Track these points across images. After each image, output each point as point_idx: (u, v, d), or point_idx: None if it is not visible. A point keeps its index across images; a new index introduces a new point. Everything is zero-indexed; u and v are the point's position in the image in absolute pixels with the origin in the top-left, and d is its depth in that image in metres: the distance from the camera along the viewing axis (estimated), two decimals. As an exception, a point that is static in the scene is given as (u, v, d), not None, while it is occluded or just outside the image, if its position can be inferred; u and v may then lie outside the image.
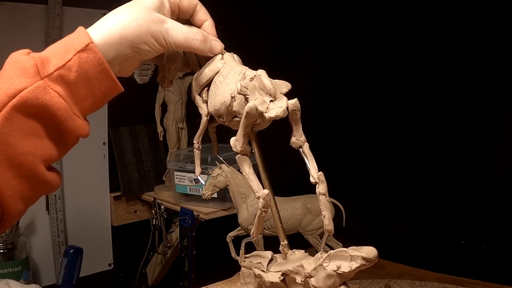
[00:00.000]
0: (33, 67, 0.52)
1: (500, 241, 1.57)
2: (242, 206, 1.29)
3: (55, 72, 0.53)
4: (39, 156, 0.53)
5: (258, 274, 0.73)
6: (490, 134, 1.60)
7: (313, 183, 0.64)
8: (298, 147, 0.66)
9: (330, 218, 0.65)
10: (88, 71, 0.55)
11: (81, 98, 0.55)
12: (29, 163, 0.52)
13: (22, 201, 0.53)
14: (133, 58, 0.61)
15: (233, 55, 0.72)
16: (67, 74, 0.53)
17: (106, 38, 0.57)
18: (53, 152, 0.54)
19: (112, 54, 0.57)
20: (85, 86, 0.55)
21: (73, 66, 0.54)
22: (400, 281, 1.36)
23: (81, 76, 0.54)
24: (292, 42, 2.02)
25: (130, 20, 0.58)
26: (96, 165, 1.66)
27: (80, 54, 0.54)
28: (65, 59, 0.54)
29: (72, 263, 1.47)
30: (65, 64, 0.53)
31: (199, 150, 0.76)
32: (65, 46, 0.55)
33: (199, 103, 0.72)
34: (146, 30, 0.59)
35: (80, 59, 0.54)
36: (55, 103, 0.52)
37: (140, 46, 0.59)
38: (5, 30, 1.42)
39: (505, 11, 1.54)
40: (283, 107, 0.62)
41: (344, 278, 0.64)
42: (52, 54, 0.54)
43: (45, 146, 0.53)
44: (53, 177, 0.55)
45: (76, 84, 0.54)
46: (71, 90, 0.54)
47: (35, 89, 0.51)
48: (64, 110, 0.53)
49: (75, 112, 0.54)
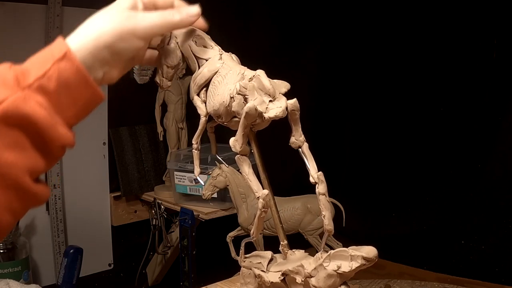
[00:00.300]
0: (14, 79, 0.52)
1: (500, 241, 1.57)
2: (242, 206, 1.29)
3: (35, 82, 0.53)
4: (23, 167, 0.53)
5: (258, 274, 0.73)
6: (490, 134, 1.60)
7: (312, 183, 0.65)
8: (297, 147, 0.66)
9: (330, 218, 0.65)
10: (68, 79, 0.55)
11: (63, 107, 0.55)
12: (13, 174, 0.52)
13: (8, 213, 0.53)
14: (114, 61, 0.60)
15: (231, 55, 0.72)
16: (47, 84, 0.53)
17: (82, 44, 0.57)
18: (38, 163, 0.54)
19: (90, 60, 0.58)
20: (66, 95, 0.55)
21: (53, 76, 0.54)
22: (400, 281, 1.36)
23: (61, 85, 0.54)
24: (292, 42, 2.02)
25: (103, 22, 0.59)
26: (96, 165, 1.66)
27: (59, 63, 0.54)
28: (44, 68, 0.54)
29: (72, 263, 1.47)
30: (44, 74, 0.53)
31: (198, 150, 0.76)
32: (44, 56, 0.56)
33: (198, 104, 0.72)
34: (119, 27, 0.59)
35: (59, 68, 0.54)
36: (36, 112, 0.52)
37: (116, 45, 0.59)
38: (5, 30, 1.42)
39: (505, 11, 1.54)
40: (282, 107, 0.62)
41: (345, 278, 0.64)
42: (32, 65, 0.55)
43: (29, 157, 0.53)
44: (40, 190, 0.55)
45: (57, 93, 0.54)
46: (52, 99, 0.54)
47: (15, 100, 0.51)
48: (45, 119, 0.53)
49: (57, 121, 0.54)
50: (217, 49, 0.72)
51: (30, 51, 0.56)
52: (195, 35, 0.71)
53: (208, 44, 0.72)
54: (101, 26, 0.59)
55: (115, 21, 0.59)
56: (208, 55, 0.71)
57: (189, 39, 0.71)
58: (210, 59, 0.70)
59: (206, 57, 0.71)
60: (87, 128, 1.58)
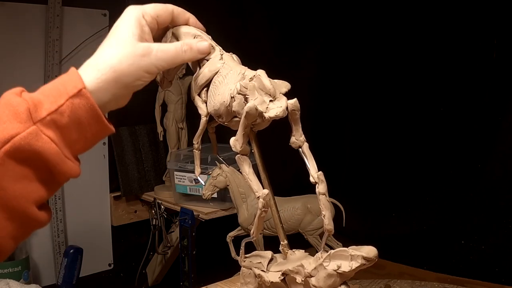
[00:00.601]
0: (26, 111, 0.52)
1: (500, 241, 1.57)
2: (242, 206, 1.29)
3: (47, 116, 0.53)
4: (31, 199, 0.54)
5: (258, 274, 0.73)
6: (490, 134, 1.60)
7: (313, 183, 0.65)
8: (297, 147, 0.66)
9: (330, 218, 0.65)
10: (81, 116, 0.55)
11: (73, 142, 0.56)
12: (21, 206, 0.53)
13: (12, 240, 0.54)
14: (128, 94, 0.62)
15: (232, 55, 0.72)
16: (59, 119, 0.54)
17: (99, 83, 0.58)
18: (44, 193, 0.55)
19: (107, 98, 0.59)
20: (77, 130, 0.56)
21: (66, 111, 0.54)
22: (400, 281, 1.36)
23: (73, 121, 0.55)
24: (292, 42, 2.02)
25: (119, 61, 0.59)
26: (96, 165, 1.66)
27: (73, 100, 0.55)
28: (58, 103, 0.54)
29: (72, 263, 1.47)
30: (57, 109, 0.54)
31: (199, 150, 0.76)
32: (58, 89, 0.55)
33: (198, 104, 0.72)
34: (137, 67, 0.60)
35: (73, 104, 0.54)
36: (47, 148, 0.53)
37: (134, 83, 0.61)
38: (5, 30, 1.42)
39: (505, 11, 1.54)
40: (283, 107, 0.62)
41: (345, 277, 0.64)
42: (44, 97, 0.55)
43: (36, 189, 0.54)
44: (43, 216, 0.56)
45: (68, 129, 0.55)
46: (63, 134, 0.54)
47: (27, 135, 0.52)
48: (56, 154, 0.53)
49: (66, 155, 0.55)
50: (218, 49, 0.72)
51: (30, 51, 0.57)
52: (196, 35, 0.71)
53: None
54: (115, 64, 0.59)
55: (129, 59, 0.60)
56: (208, 55, 0.71)
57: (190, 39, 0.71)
58: (211, 59, 0.70)
59: (206, 57, 0.71)
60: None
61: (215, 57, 0.70)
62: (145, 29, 0.63)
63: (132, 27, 0.61)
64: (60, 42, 1.51)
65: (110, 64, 0.58)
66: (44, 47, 1.49)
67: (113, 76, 0.58)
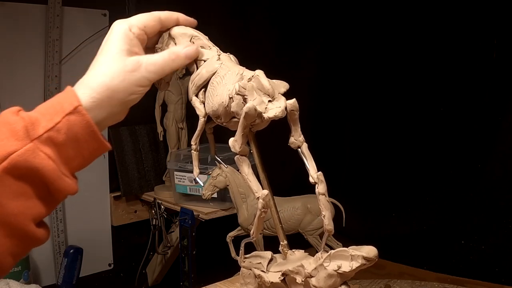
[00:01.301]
0: (23, 129, 0.53)
1: (500, 241, 1.57)
2: (242, 206, 1.29)
3: (44, 134, 0.54)
4: (29, 216, 0.54)
5: (258, 275, 0.73)
6: (490, 134, 1.60)
7: (312, 183, 0.64)
8: (296, 147, 0.66)
9: (330, 218, 0.65)
10: (77, 133, 0.56)
11: (70, 159, 0.56)
12: (19, 223, 0.53)
13: (11, 256, 0.55)
14: (124, 110, 0.63)
15: (229, 55, 0.72)
16: (56, 136, 0.54)
17: (95, 101, 0.58)
18: (42, 210, 0.55)
19: (103, 115, 0.59)
20: (73, 147, 0.56)
21: (62, 128, 0.55)
22: (400, 281, 1.36)
23: (70, 138, 0.55)
24: (292, 42, 2.02)
25: (111, 78, 0.60)
26: (96, 165, 1.65)
27: (69, 117, 0.55)
28: (54, 121, 0.54)
29: (72, 263, 1.47)
30: (54, 126, 0.54)
31: (197, 151, 0.76)
32: (54, 106, 0.56)
33: (196, 104, 0.72)
34: (128, 83, 0.61)
35: (69, 121, 0.55)
36: (45, 165, 0.53)
37: (128, 98, 0.62)
38: (5, 30, 1.42)
39: (505, 11, 1.54)
40: (282, 107, 0.62)
41: (345, 277, 0.64)
42: (41, 115, 0.55)
43: (34, 206, 0.55)
44: (42, 233, 0.56)
45: (65, 146, 0.55)
46: (60, 151, 0.55)
47: (25, 152, 0.52)
48: (53, 171, 0.54)
49: (64, 172, 0.55)
50: (215, 50, 0.72)
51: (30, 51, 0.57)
52: (193, 35, 0.71)
53: (206, 45, 0.72)
54: (108, 82, 0.59)
55: (120, 76, 0.60)
56: (206, 55, 0.71)
57: (187, 40, 0.71)
58: (208, 59, 0.70)
59: (204, 57, 0.71)
60: (87, 128, 1.58)
61: (213, 57, 0.70)
62: (133, 42, 0.63)
63: (120, 43, 0.62)
64: (60, 42, 1.51)
65: (102, 82, 0.59)
66: (44, 47, 1.49)
67: (107, 93, 0.59)
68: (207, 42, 0.72)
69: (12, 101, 1.22)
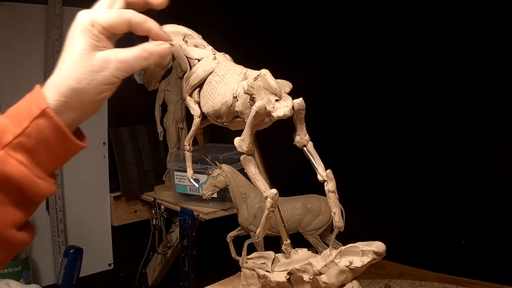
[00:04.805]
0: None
1: (500, 241, 1.57)
2: (242, 206, 1.29)
3: (14, 140, 0.53)
4: (8, 223, 0.53)
5: (263, 275, 0.73)
6: (490, 134, 1.60)
7: (321, 181, 0.64)
8: (302, 146, 0.66)
9: (340, 215, 0.65)
10: (47, 136, 0.55)
11: (43, 161, 0.55)
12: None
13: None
14: (95, 108, 0.60)
15: (225, 55, 0.72)
16: (26, 141, 0.53)
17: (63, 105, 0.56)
18: (20, 215, 0.55)
19: (74, 116, 0.58)
20: (45, 151, 0.55)
21: (32, 133, 0.54)
22: (400, 281, 1.36)
23: (40, 142, 0.54)
24: (291, 41, 2.02)
25: (78, 81, 0.57)
26: (96, 165, 1.66)
27: (37, 120, 0.54)
28: (23, 126, 0.54)
29: (72, 263, 1.47)
30: (23, 131, 0.53)
31: (190, 152, 0.75)
32: (23, 110, 0.55)
33: (191, 104, 0.72)
34: (96, 83, 0.58)
35: (38, 125, 0.54)
36: (18, 172, 0.53)
37: (98, 97, 0.59)
38: (5, 30, 1.42)
39: (505, 11, 1.54)
40: (289, 106, 0.62)
41: (356, 273, 0.65)
42: (10, 120, 0.54)
43: (12, 212, 0.54)
44: (24, 236, 0.56)
45: (37, 150, 0.54)
46: (32, 156, 0.54)
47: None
48: (26, 177, 0.53)
49: (38, 175, 0.55)
50: (209, 49, 0.71)
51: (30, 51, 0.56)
52: (187, 34, 0.71)
53: (200, 44, 0.72)
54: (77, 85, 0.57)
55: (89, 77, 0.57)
56: (200, 55, 0.70)
57: (180, 38, 0.71)
58: (204, 59, 0.70)
59: (198, 57, 0.70)
60: (87, 128, 1.56)
61: (208, 57, 0.70)
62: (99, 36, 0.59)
63: (85, 39, 0.58)
64: (60, 42, 1.51)
65: (69, 86, 0.57)
66: (44, 47, 1.49)
67: (75, 96, 0.57)
68: (201, 41, 0.72)
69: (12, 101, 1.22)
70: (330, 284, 0.65)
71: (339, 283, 0.64)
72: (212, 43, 0.74)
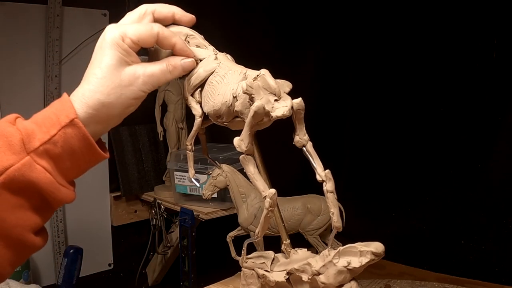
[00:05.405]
0: (19, 142, 0.53)
1: (500, 241, 1.57)
2: (242, 206, 1.29)
3: (40, 147, 0.54)
4: (27, 227, 0.55)
5: (262, 274, 0.73)
6: (490, 134, 1.60)
7: (319, 181, 0.65)
8: (301, 146, 0.66)
9: (338, 215, 0.65)
10: (73, 145, 0.56)
11: (66, 170, 0.57)
12: (18, 234, 0.54)
13: (10, 266, 0.56)
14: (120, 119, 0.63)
15: (226, 55, 0.72)
16: (52, 149, 0.54)
17: (91, 117, 0.58)
18: (39, 220, 0.56)
19: (100, 128, 0.60)
20: (70, 159, 0.56)
21: (58, 141, 0.55)
22: (400, 281, 1.36)
23: (66, 150, 0.56)
24: (291, 41, 2.02)
25: (107, 95, 0.58)
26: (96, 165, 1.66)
27: (65, 129, 0.55)
28: (50, 133, 0.55)
29: (72, 263, 1.47)
30: (50, 138, 0.54)
31: (192, 151, 0.76)
32: (50, 118, 0.56)
33: (192, 104, 0.72)
34: (125, 98, 0.60)
35: (65, 134, 0.55)
36: (42, 178, 0.54)
37: (125, 111, 0.61)
38: (5, 30, 1.42)
39: (505, 11, 1.54)
40: (288, 106, 0.62)
41: (354, 273, 0.65)
42: (37, 126, 0.55)
43: (32, 217, 0.55)
44: (40, 241, 0.58)
45: (62, 158, 0.56)
46: (56, 163, 0.55)
47: (21, 167, 0.52)
48: (50, 184, 0.54)
49: (60, 182, 0.56)
50: (211, 49, 0.71)
51: (30, 51, 0.57)
52: (188, 34, 0.71)
53: (202, 44, 0.72)
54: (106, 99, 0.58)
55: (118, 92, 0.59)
56: (202, 55, 0.71)
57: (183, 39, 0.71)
58: (205, 59, 0.70)
59: (200, 57, 0.71)
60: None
61: (209, 57, 0.70)
62: (128, 51, 0.61)
63: (114, 52, 0.60)
64: (60, 42, 1.51)
65: (98, 100, 0.58)
66: (44, 47, 1.49)
67: (103, 110, 0.58)
68: (203, 41, 0.72)
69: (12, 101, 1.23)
70: (328, 284, 0.65)
71: (337, 283, 0.64)
72: (213, 43, 0.74)
